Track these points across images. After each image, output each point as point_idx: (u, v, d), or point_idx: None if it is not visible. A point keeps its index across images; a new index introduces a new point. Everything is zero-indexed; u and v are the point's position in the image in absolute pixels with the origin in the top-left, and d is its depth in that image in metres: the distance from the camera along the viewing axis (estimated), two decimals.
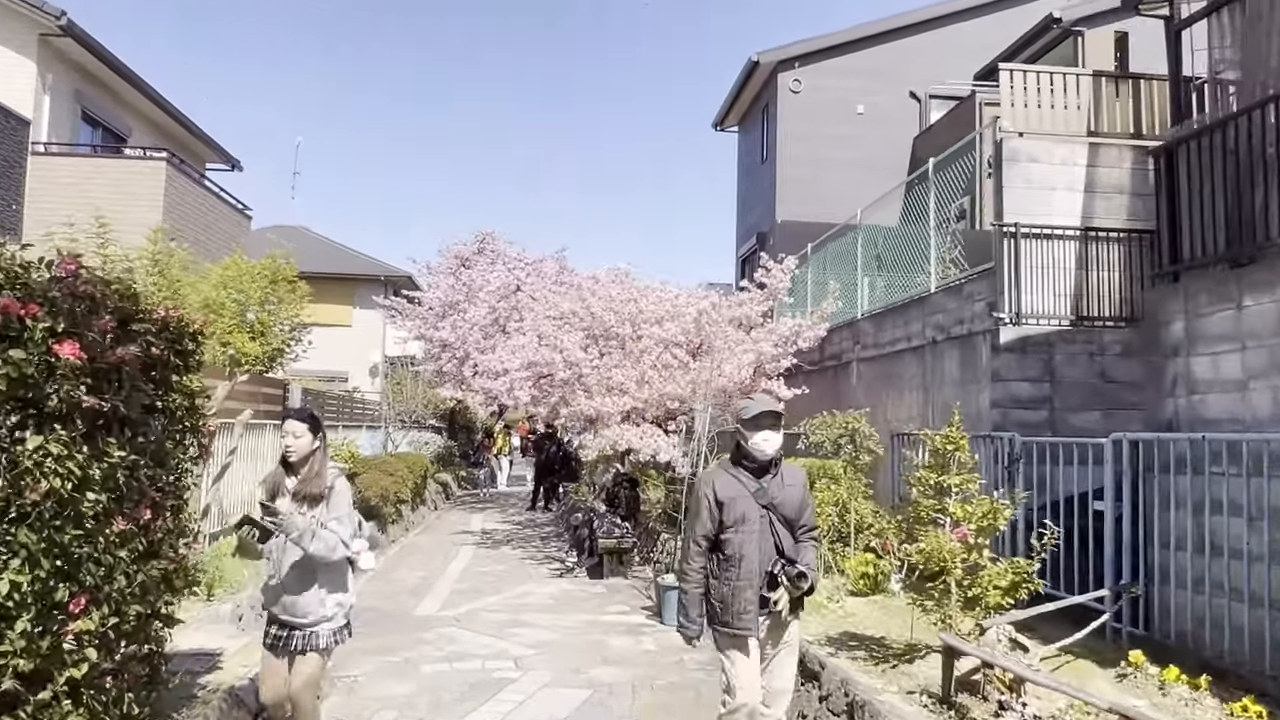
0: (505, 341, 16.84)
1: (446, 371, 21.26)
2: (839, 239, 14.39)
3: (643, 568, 12.48)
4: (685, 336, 12.43)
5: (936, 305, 9.96)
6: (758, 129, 22.26)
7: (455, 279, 22.16)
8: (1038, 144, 8.80)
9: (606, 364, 11.78)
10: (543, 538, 15.80)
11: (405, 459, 17.63)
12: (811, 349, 11.98)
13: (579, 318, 13.27)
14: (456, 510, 20.53)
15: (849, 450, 8.17)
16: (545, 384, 13.41)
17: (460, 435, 30.23)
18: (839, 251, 14.24)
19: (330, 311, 32.08)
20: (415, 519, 17.62)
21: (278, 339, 12.95)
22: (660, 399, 11.40)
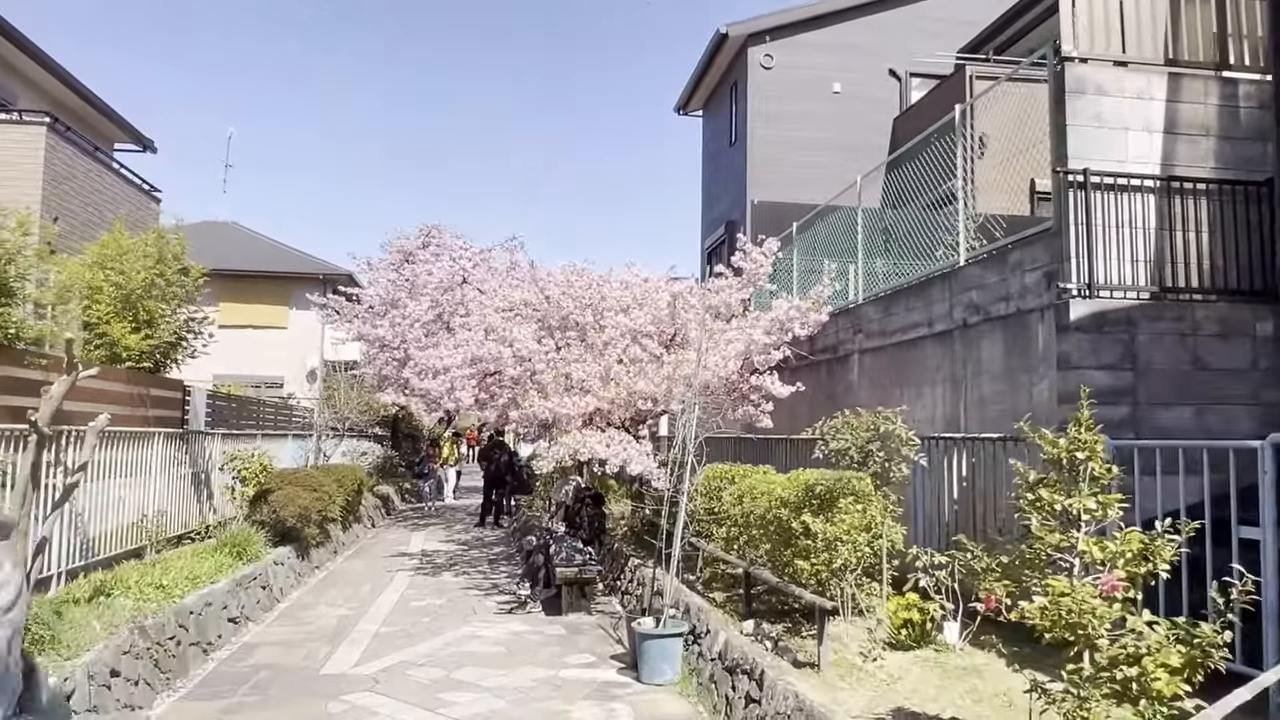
0: (449, 339, 14.76)
1: (387, 375, 19.11)
2: (829, 217, 12.53)
3: (608, 598, 10.45)
4: (656, 326, 10.46)
5: (969, 280, 8.09)
6: (725, 110, 20.40)
7: (398, 274, 20.01)
8: (1107, 73, 6.98)
9: (564, 358, 9.76)
10: (491, 560, 13.68)
11: (335, 471, 15.40)
12: (802, 339, 10.05)
13: (532, 307, 11.25)
14: (397, 527, 18.30)
15: (879, 460, 6.23)
16: (492, 384, 11.35)
17: (405, 444, 27.92)
18: (832, 230, 12.37)
19: (264, 313, 29.63)
20: (347, 539, 15.40)
21: (168, 331, 10.74)
22: (629, 399, 9.41)
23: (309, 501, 12.37)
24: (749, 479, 8.50)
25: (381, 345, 19.01)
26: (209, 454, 12.31)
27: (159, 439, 10.60)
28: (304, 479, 12.98)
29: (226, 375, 27.71)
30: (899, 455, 6.39)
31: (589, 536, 9.71)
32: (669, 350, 10.10)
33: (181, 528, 11.35)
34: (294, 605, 10.46)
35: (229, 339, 29.07)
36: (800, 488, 6.80)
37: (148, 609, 7.58)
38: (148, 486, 10.30)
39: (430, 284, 17.84)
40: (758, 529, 7.31)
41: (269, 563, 10.83)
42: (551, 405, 9.16)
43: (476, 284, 17.50)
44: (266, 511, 11.89)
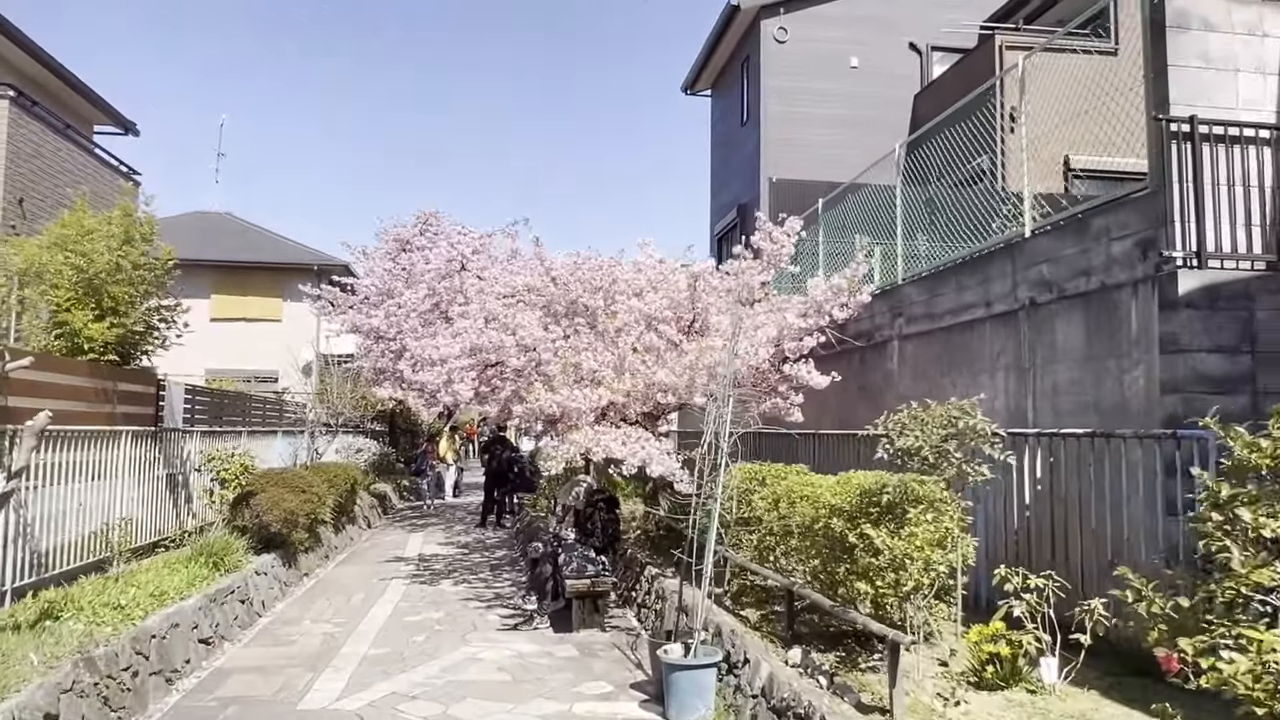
0: (446, 330, 13.72)
1: (382, 368, 18.07)
2: (856, 194, 11.49)
3: (622, 610, 9.43)
4: (674, 311, 9.40)
5: (1037, 253, 7.04)
6: (736, 88, 19.32)
7: (394, 263, 18.95)
8: (1214, 5, 5.92)
9: (574, 346, 8.71)
10: (493, 566, 12.65)
11: (326, 470, 14.37)
12: (838, 323, 8.98)
13: (536, 292, 10.19)
14: (394, 528, 17.27)
15: (955, 460, 5.17)
16: (493, 376, 10.30)
17: (402, 440, 26.87)
18: (863, 208, 11.33)
19: (257, 305, 28.59)
20: (340, 543, 14.37)
21: (135, 318, 9.69)
22: (647, 391, 8.37)
23: (296, 504, 11.34)
24: (785, 481, 7.47)
25: (377, 336, 17.96)
26: (187, 454, 11.27)
27: (127, 438, 9.57)
28: (291, 479, 11.94)
29: (219, 370, 26.69)
30: (978, 455, 5.34)
31: (602, 544, 8.68)
32: (688, 337, 9.06)
33: (155, 535, 10.33)
34: (276, 620, 9.43)
35: (221, 332, 28.11)
36: (855, 493, 5.77)
37: (100, 634, 6.55)
38: (113, 491, 9.27)
39: (427, 272, 16.81)
40: (802, 540, 6.27)
41: (249, 573, 9.80)
42: (560, 399, 8.12)
43: (476, 271, 16.46)
44: (248, 516, 10.86)
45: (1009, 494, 6.44)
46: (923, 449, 5.13)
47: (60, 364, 8.69)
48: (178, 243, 27.97)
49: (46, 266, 8.99)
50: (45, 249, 9.15)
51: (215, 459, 10.73)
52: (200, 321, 28.69)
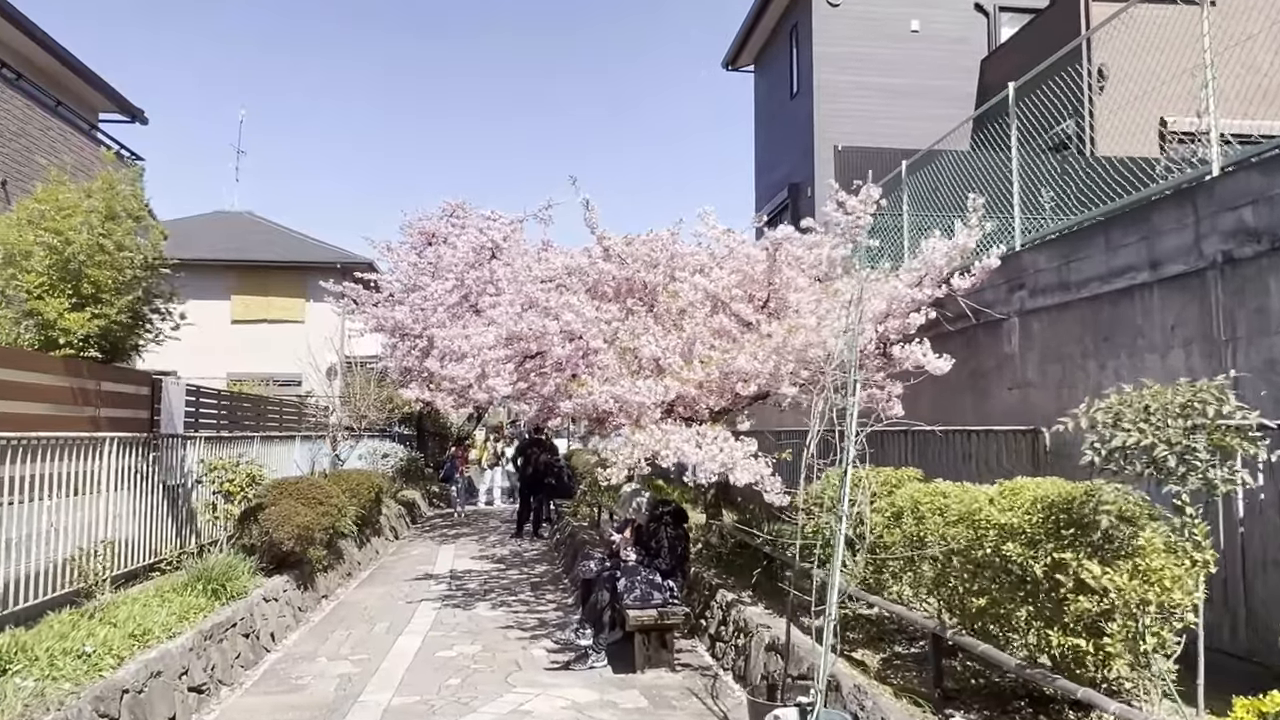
0: (477, 321, 12.29)
1: (409, 367, 16.68)
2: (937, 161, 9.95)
3: (691, 643, 7.92)
4: (745, 288, 7.89)
5: (1234, 194, 5.46)
6: (784, 60, 17.76)
7: (419, 257, 17.57)
8: None
9: (631, 329, 7.22)
10: (534, 584, 11.17)
11: (348, 478, 12.97)
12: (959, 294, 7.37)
13: (581, 274, 8.73)
14: (423, 539, 15.85)
15: (1202, 464, 3.61)
16: (532, 369, 8.83)
17: (431, 444, 25.53)
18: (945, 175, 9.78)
19: (280, 306, 27.37)
20: (364, 558, 12.96)
21: (119, 308, 8.29)
22: (723, 381, 6.85)
23: (311, 518, 9.92)
24: (902, 490, 5.94)
25: (401, 334, 16.59)
26: (189, 463, 9.89)
27: (112, 446, 8.17)
28: (307, 490, 10.53)
29: (240, 373, 25.46)
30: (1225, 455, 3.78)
31: (669, 565, 7.17)
32: (766, 317, 7.53)
33: (149, 557, 8.94)
34: (286, 657, 8.01)
35: (243, 334, 26.92)
36: (1035, 509, 4.23)
37: (55, 693, 5.15)
38: (95, 508, 7.86)
39: (455, 261, 15.39)
40: (961, 570, 4.73)
41: (255, 600, 8.39)
42: (619, 391, 6.62)
43: (507, 259, 15.01)
44: (256, 533, 9.46)
45: (1225, 508, 4.86)
46: (1155, 448, 3.60)
47: (27, 359, 7.31)
48: (197, 243, 26.84)
49: (15, 247, 7.61)
50: (14, 227, 7.76)
51: (217, 469, 9.33)
52: (221, 324, 27.68)
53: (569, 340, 8.13)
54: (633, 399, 6.58)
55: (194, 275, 27.05)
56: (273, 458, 13.09)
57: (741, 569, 8.34)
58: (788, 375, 6.74)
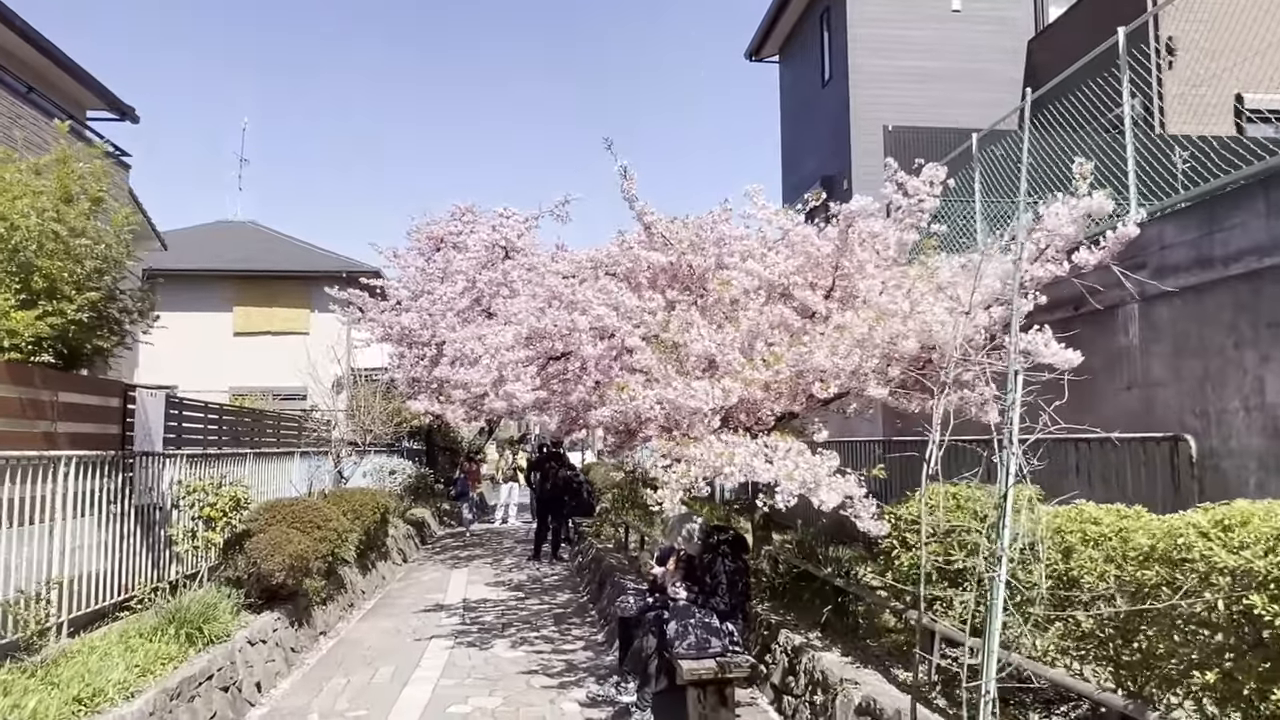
0: (490, 325, 11.09)
1: (417, 377, 15.49)
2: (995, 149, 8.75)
3: (751, 694, 6.63)
4: (804, 275, 6.63)
5: None
6: (814, 46, 16.56)
7: (427, 263, 16.43)
8: None
9: (680, 319, 5.97)
10: (558, 616, 9.90)
11: (351, 498, 11.73)
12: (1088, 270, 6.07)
13: (611, 265, 7.52)
14: (433, 562, 14.59)
15: None
16: (557, 372, 7.60)
17: (441, 459, 24.29)
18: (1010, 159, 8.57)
19: (283, 317, 26.17)
20: (368, 585, 11.70)
21: (78, 305, 7.08)
22: (795, 381, 5.60)
23: (306, 546, 8.69)
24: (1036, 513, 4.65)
25: (409, 341, 15.41)
26: (166, 484, 8.67)
27: (71, 467, 6.96)
28: (303, 513, 9.30)
29: (243, 387, 24.27)
30: None
31: (728, 605, 5.90)
32: (838, 306, 6.28)
33: (117, 594, 7.71)
34: (273, 712, 6.76)
35: (246, 347, 25.70)
36: None
37: None
38: (46, 540, 6.64)
39: (466, 264, 14.21)
40: (1163, 627, 3.46)
41: (239, 644, 7.16)
42: (672, 395, 5.36)
43: (523, 261, 13.80)
44: (243, 564, 8.23)
45: None
46: None
47: None
48: (198, 253, 25.65)
49: None
50: None
51: (196, 491, 8.10)
52: (223, 336, 26.47)
53: (600, 338, 6.91)
54: (686, 404, 5.34)
55: (195, 286, 26.07)
56: (269, 476, 11.87)
57: (805, 603, 7.06)
58: (873, 373, 5.50)
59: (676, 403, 5.40)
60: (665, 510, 6.90)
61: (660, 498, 5.08)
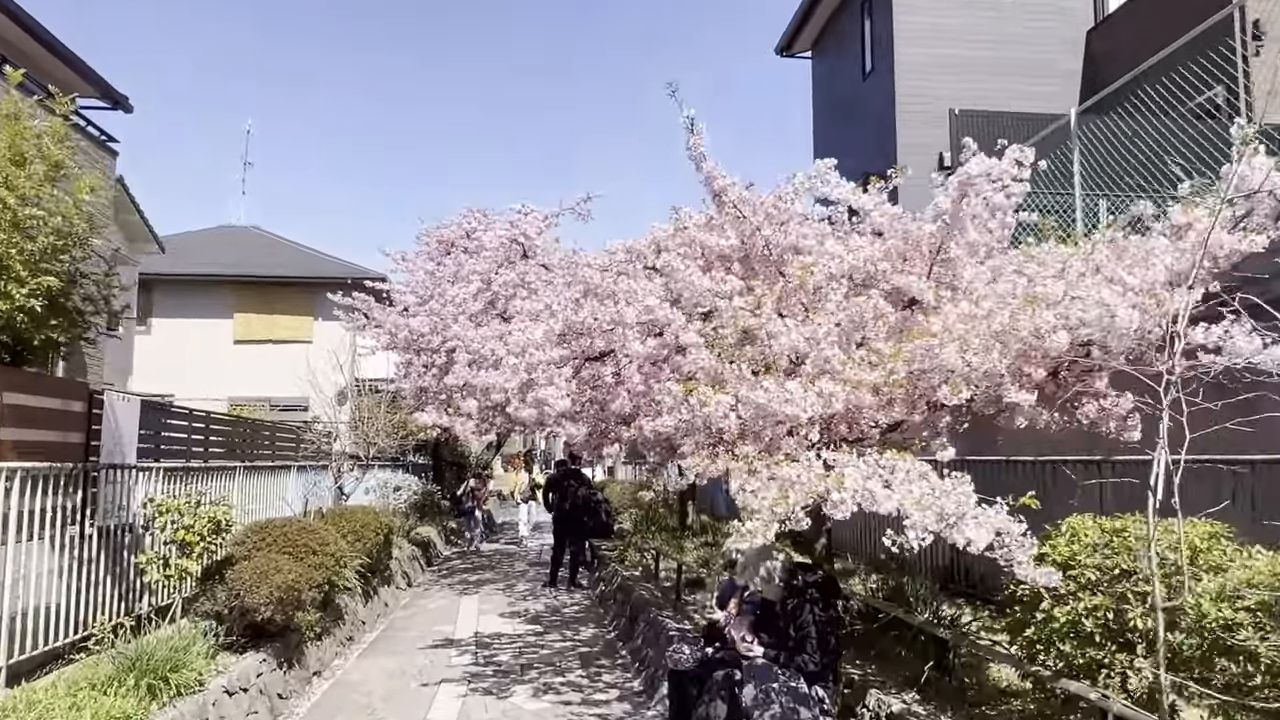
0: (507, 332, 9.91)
1: (425, 387, 14.30)
2: None
3: None
4: (892, 260, 5.43)
5: None
6: (852, 40, 15.45)
7: (438, 266, 15.25)
8: None
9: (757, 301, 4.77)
10: (584, 656, 8.65)
11: (351, 518, 10.53)
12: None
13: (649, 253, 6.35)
14: (440, 587, 13.35)
15: None
16: (589, 377, 6.40)
17: (448, 474, 23.07)
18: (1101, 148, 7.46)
19: (286, 325, 25.03)
20: (369, 615, 10.47)
21: (29, 289, 5.88)
22: (913, 385, 4.38)
23: (298, 574, 7.48)
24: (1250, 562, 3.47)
25: (417, 348, 14.22)
26: (139, 502, 7.47)
27: (14, 481, 5.78)
28: (296, 536, 8.10)
29: (243, 397, 23.09)
30: None
31: (818, 665, 4.68)
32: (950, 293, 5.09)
33: (74, 631, 6.51)
34: None
35: (246, 355, 24.50)
36: None
37: None
38: None
39: (480, 265, 13.02)
40: None
41: (214, 695, 5.96)
42: (763, 399, 4.15)
43: (542, 259, 12.64)
44: (223, 596, 7.02)
45: None
46: None
47: None
48: (198, 258, 24.44)
49: None
50: None
51: (170, 511, 6.90)
52: (223, 344, 25.27)
53: (650, 333, 5.73)
54: (780, 411, 4.15)
55: (193, 292, 24.95)
56: (261, 493, 10.68)
57: (893, 656, 5.84)
58: (1010, 375, 4.30)
59: (767, 409, 4.20)
60: (729, 546, 5.71)
61: (748, 531, 3.87)
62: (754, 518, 3.93)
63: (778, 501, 3.98)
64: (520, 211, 12.97)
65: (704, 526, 13.86)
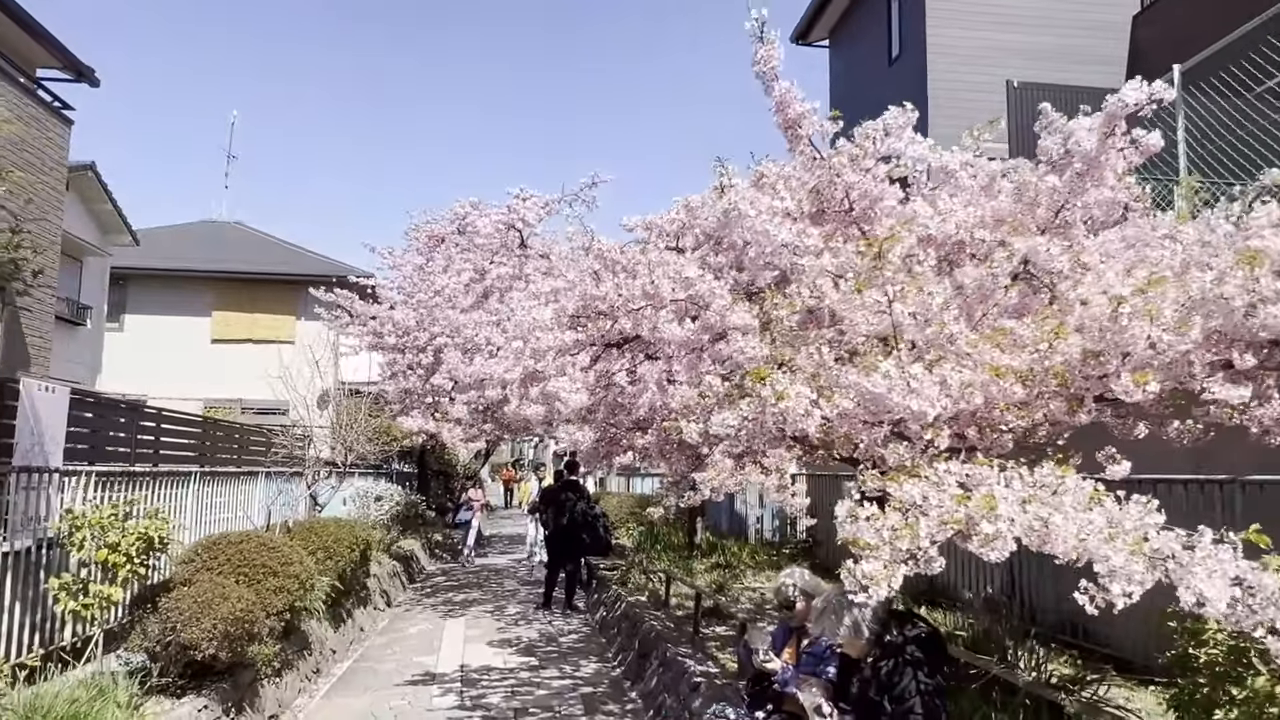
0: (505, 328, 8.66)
1: (410, 389, 13.05)
2: None
3: None
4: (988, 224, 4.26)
5: None
6: (876, 24, 14.34)
7: (427, 262, 14.01)
8: None
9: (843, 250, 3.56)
10: (588, 698, 7.37)
11: (322, 532, 9.24)
12: None
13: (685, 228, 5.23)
14: (422, 608, 12.03)
15: None
16: (603, 370, 5.18)
17: (434, 483, 21.75)
18: None
19: (266, 324, 23.65)
20: (341, 641, 9.18)
21: None
22: (1074, 373, 3.14)
23: (250, 602, 6.20)
24: None
25: (402, 347, 12.98)
26: (63, 514, 6.16)
27: None
28: (254, 554, 6.84)
29: (220, 399, 21.73)
30: None
31: None
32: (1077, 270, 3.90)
33: None
34: None
35: (224, 355, 23.09)
36: None
37: None
38: None
39: (474, 247, 11.81)
40: None
41: None
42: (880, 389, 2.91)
43: (542, 247, 11.40)
44: (156, 629, 5.74)
45: None
46: None
47: None
48: (175, 253, 23.04)
49: None
50: None
51: (90, 525, 5.60)
52: (200, 343, 23.86)
53: (686, 316, 4.54)
54: (902, 405, 2.92)
55: (169, 287, 23.52)
56: (222, 503, 9.38)
57: None
58: (1205, 362, 3.11)
59: (883, 402, 2.99)
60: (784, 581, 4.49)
61: (865, 577, 2.65)
62: (869, 557, 2.70)
63: (900, 534, 2.76)
64: (518, 196, 11.74)
65: (712, 545, 12.62)
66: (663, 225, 5.96)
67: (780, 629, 4.67)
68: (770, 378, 3.32)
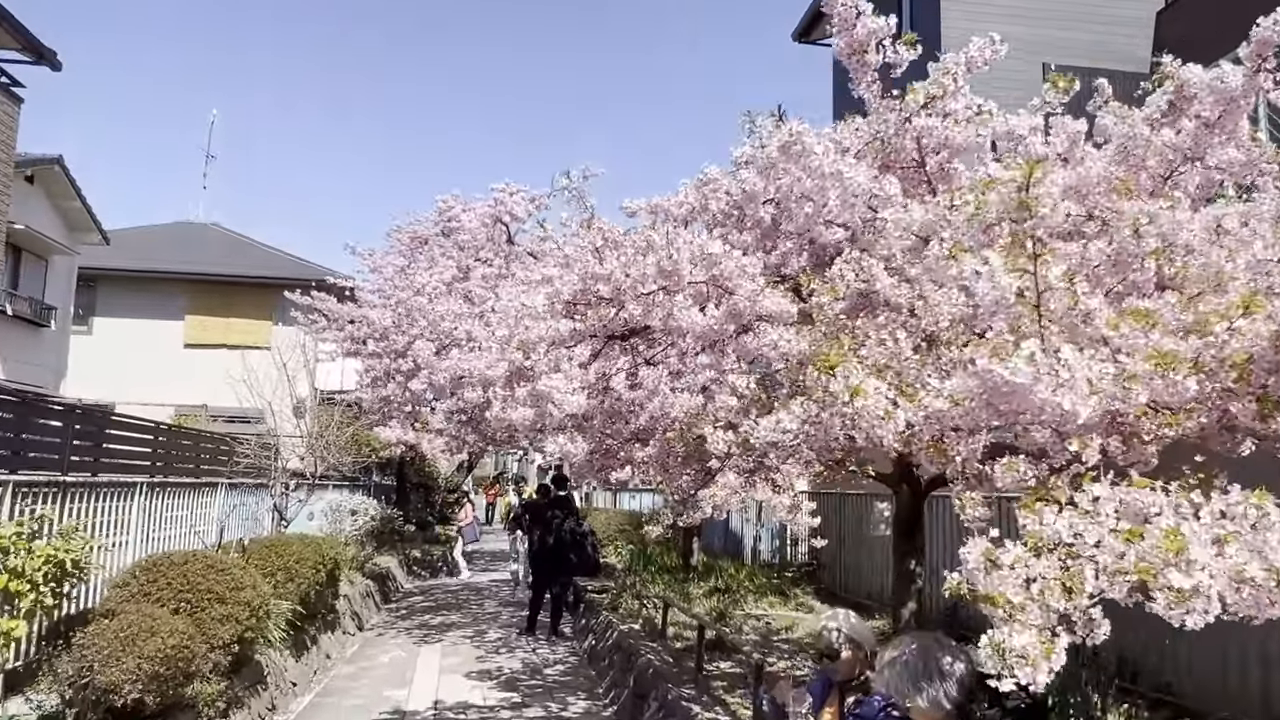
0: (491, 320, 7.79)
1: (388, 397, 12.18)
2: None
3: None
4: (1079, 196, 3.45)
5: None
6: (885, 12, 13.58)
7: (409, 264, 13.19)
8: None
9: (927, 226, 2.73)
10: None
11: (284, 551, 8.30)
12: None
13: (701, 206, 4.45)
14: (395, 632, 11.07)
15: None
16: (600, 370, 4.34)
17: (414, 497, 20.75)
18: None
19: (241, 329, 22.60)
20: (302, 673, 8.22)
21: None
22: (1267, 363, 2.38)
23: (186, 636, 5.28)
24: None
25: (379, 351, 12.10)
26: None
27: None
28: (198, 578, 5.94)
29: (191, 406, 20.70)
30: None
31: None
32: None
33: None
34: None
35: (197, 361, 21.98)
36: None
37: None
38: None
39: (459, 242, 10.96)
40: None
41: None
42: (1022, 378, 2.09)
43: (529, 245, 10.53)
44: (70, 670, 4.81)
45: None
46: None
47: None
48: (148, 254, 22.03)
49: None
50: None
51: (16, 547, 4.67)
52: (171, 348, 22.76)
53: (709, 301, 3.73)
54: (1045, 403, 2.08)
55: (140, 290, 22.42)
56: (172, 517, 8.42)
57: None
58: None
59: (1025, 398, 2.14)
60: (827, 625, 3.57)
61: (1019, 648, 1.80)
62: (1017, 618, 1.84)
63: (1051, 588, 1.90)
64: (504, 189, 10.88)
65: (708, 567, 11.74)
66: (669, 208, 5.16)
67: (819, 683, 3.78)
68: (842, 366, 2.46)
